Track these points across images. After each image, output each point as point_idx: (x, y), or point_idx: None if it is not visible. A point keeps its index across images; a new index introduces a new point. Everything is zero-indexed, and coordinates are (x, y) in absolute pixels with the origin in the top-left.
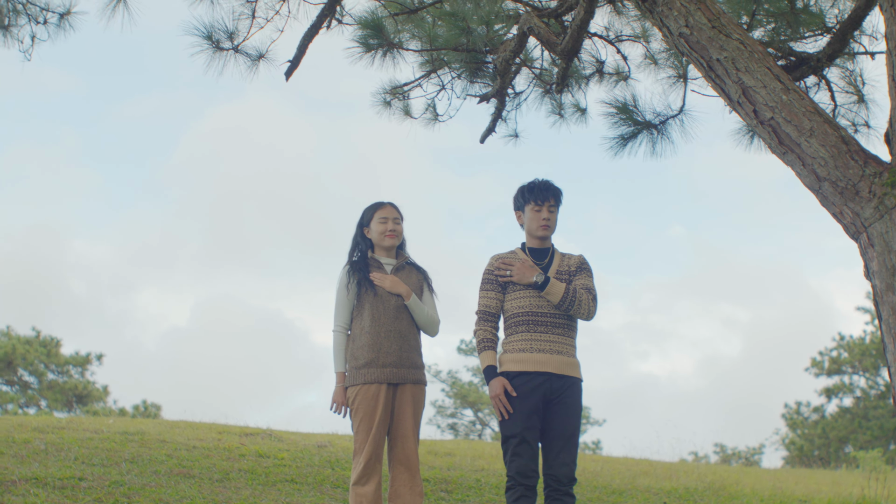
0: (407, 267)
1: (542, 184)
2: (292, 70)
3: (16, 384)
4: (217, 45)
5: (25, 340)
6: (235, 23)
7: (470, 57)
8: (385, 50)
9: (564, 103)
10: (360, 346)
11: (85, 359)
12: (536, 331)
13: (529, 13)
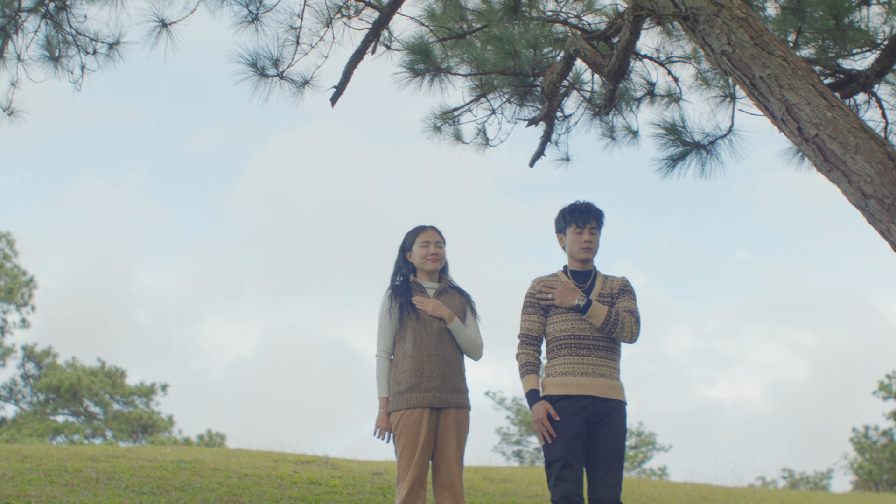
0: (450, 290)
1: (583, 206)
2: (337, 96)
3: (82, 415)
4: (262, 73)
5: (91, 371)
6: (280, 49)
7: (518, 80)
8: (433, 75)
9: (616, 126)
10: (403, 370)
11: (150, 389)
12: (579, 354)
13: (576, 35)
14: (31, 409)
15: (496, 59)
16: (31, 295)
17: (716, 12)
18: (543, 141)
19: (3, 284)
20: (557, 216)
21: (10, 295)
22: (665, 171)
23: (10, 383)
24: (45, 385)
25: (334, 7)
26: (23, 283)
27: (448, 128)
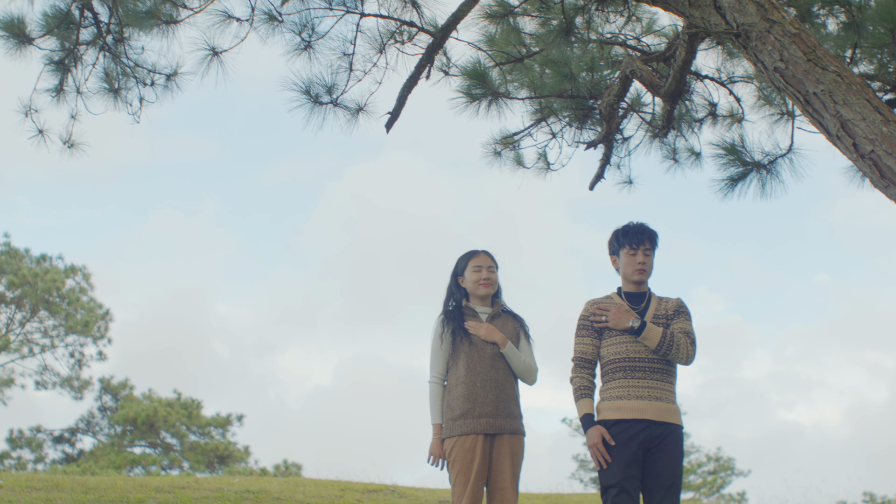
0: (503, 315)
1: (636, 227)
2: (392, 122)
3: (159, 446)
4: (316, 100)
5: (167, 403)
6: (333, 76)
7: (575, 103)
8: (490, 99)
9: (678, 147)
10: (456, 396)
11: (226, 420)
12: (634, 377)
13: (631, 56)
14: (109, 441)
15: (553, 82)
16: (107, 328)
17: (768, 28)
18: (602, 164)
19: (80, 318)
20: (611, 238)
21: (86, 328)
22: (725, 192)
23: (87, 416)
24: (121, 417)
25: (387, 33)
26: (99, 315)
27: (508, 152)
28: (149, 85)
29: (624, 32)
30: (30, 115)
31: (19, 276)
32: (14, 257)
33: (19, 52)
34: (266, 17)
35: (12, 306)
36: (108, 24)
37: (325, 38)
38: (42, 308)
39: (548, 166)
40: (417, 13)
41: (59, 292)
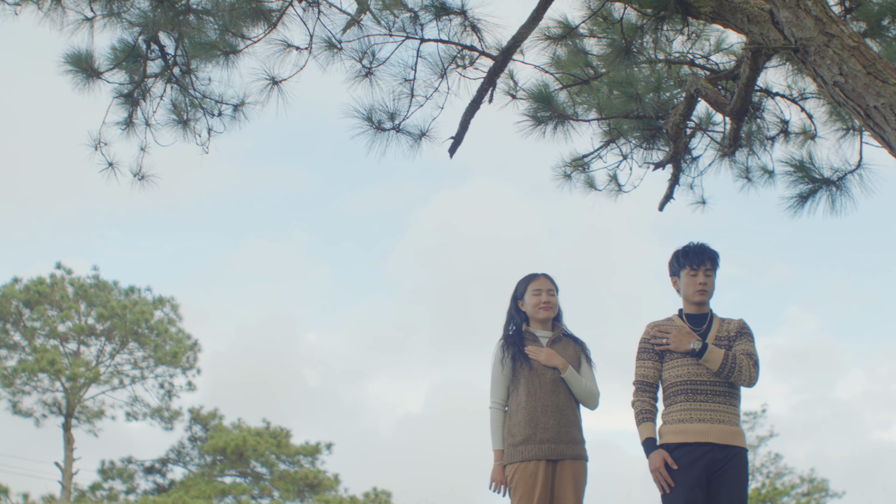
0: (564, 339)
1: (696, 247)
2: (456, 146)
3: (248, 475)
4: (378, 126)
5: (256, 432)
6: (395, 102)
7: (642, 124)
8: (556, 122)
9: (751, 166)
10: (517, 422)
11: (315, 448)
12: (696, 400)
13: (696, 75)
14: (199, 471)
15: (619, 103)
16: (195, 358)
17: (826, 42)
18: (671, 184)
19: (169, 349)
20: (671, 259)
21: (174, 359)
22: (795, 209)
23: (177, 446)
24: (211, 447)
25: (448, 58)
26: (187, 346)
27: (579, 175)
28: (216, 116)
29: (692, 51)
30: (99, 149)
31: (108, 309)
32: (103, 290)
33: (88, 86)
34: (325, 45)
35: (102, 338)
36: (174, 56)
37: (385, 65)
38: (131, 339)
39: (619, 188)
40: (477, 37)
41: (148, 324)
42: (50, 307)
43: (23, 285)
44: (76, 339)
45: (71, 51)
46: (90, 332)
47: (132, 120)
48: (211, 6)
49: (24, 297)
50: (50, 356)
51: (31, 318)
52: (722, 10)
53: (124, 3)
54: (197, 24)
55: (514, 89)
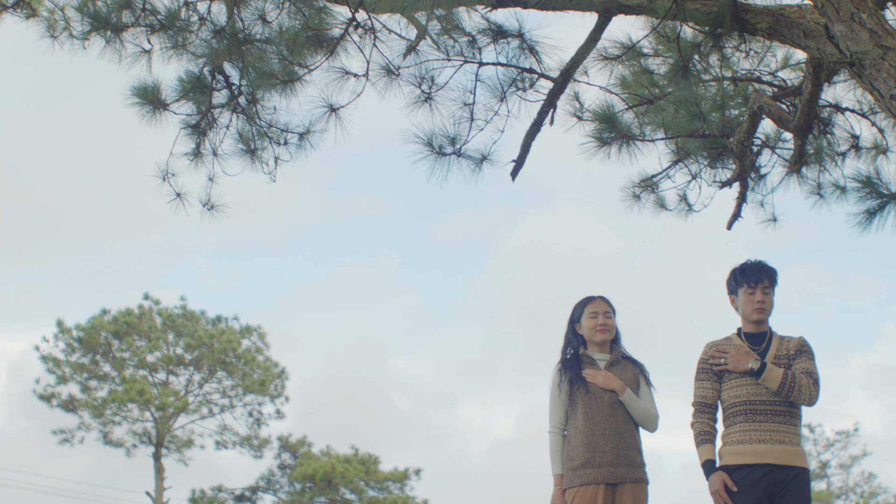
0: (622, 361)
1: (754, 265)
2: (517, 170)
3: (338, 502)
4: (439, 151)
5: (345, 459)
6: (455, 127)
7: (708, 143)
8: (620, 142)
9: (822, 182)
10: (576, 446)
11: (403, 474)
12: (755, 420)
13: (759, 92)
14: (289, 499)
15: (683, 122)
16: (283, 386)
17: (882, 55)
18: (738, 202)
19: (257, 377)
20: (728, 277)
21: (262, 387)
22: (863, 225)
23: (267, 474)
24: (300, 474)
25: (507, 80)
26: (275, 374)
27: (648, 195)
28: (282, 144)
29: (759, 68)
30: (167, 179)
31: (196, 338)
32: (191, 319)
33: (154, 118)
34: (383, 72)
35: (191, 368)
36: (239, 86)
37: (444, 89)
38: (219, 369)
39: (689, 207)
40: (536, 59)
41: (236, 352)
42: (138, 338)
43: (111, 316)
44: (165, 369)
45: (137, 83)
46: (179, 362)
47: (200, 150)
48: (273, 35)
49: (113, 329)
50: (139, 386)
51: (120, 349)
52: (778, 25)
53: (188, 35)
54: (259, 54)
55: (579, 111)
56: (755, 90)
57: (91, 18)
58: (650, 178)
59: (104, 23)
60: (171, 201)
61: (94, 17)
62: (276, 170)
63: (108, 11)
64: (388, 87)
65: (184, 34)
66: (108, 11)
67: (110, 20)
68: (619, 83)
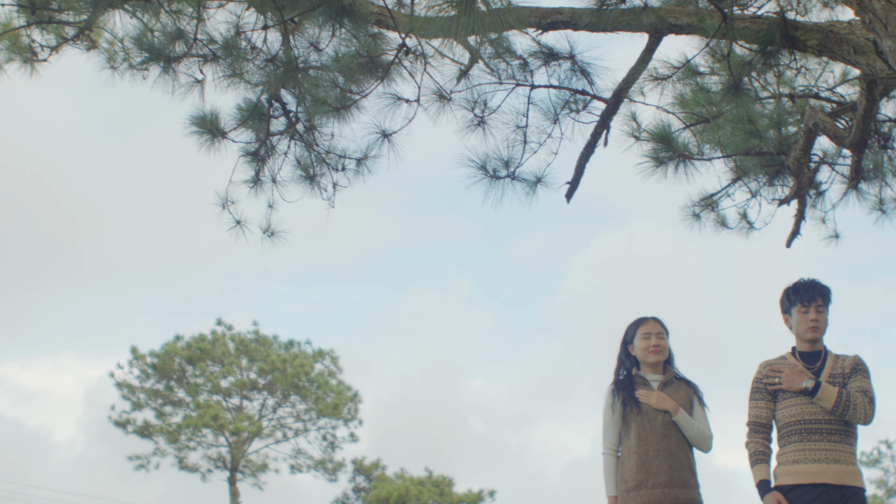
0: (675, 382)
1: (807, 283)
2: (572, 191)
3: None
4: (493, 175)
5: (418, 481)
6: (509, 150)
7: (765, 160)
8: (677, 162)
9: (884, 197)
10: (629, 467)
11: (477, 496)
12: (810, 440)
13: (814, 109)
14: None
15: (740, 140)
16: (356, 409)
17: None
18: (797, 220)
19: (330, 401)
20: (782, 296)
21: (336, 410)
22: None
23: (342, 497)
24: (374, 497)
25: (559, 103)
26: (348, 398)
27: (708, 214)
28: (340, 170)
29: (817, 84)
30: (227, 207)
31: (269, 363)
32: (263, 344)
33: (213, 147)
34: (435, 97)
35: (264, 392)
36: (296, 113)
37: (497, 112)
38: (293, 393)
39: (750, 225)
40: (587, 80)
41: (308, 376)
42: (212, 363)
43: (185, 342)
44: (239, 394)
45: (196, 112)
46: (252, 387)
47: (259, 177)
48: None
49: (187, 355)
50: (213, 411)
51: (194, 375)
52: (828, 42)
53: (244, 63)
54: (314, 81)
55: (637, 131)
56: (810, 107)
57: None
58: (710, 197)
59: (157, 54)
60: (231, 228)
61: (149, 48)
62: (334, 196)
63: (160, 43)
64: (441, 112)
65: (239, 63)
66: (160, 43)
67: (163, 51)
68: (678, 102)
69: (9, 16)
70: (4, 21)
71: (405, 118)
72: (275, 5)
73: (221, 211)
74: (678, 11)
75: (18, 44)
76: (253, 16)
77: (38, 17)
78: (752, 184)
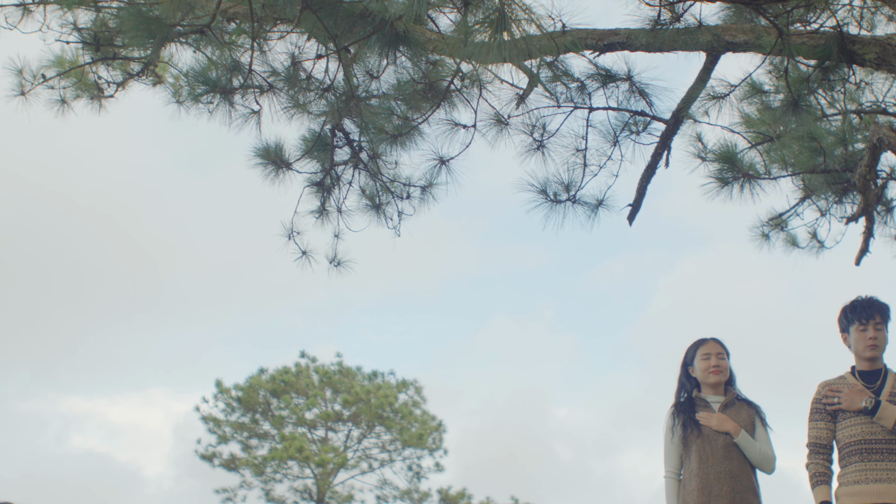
0: (737, 403)
1: (865, 301)
2: (634, 214)
3: None
4: (554, 199)
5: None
6: (569, 173)
7: (832, 178)
8: (742, 182)
9: None
10: (691, 490)
11: None
12: (871, 459)
13: (877, 125)
14: None
15: (805, 158)
16: (441, 439)
17: None
18: (865, 237)
19: (414, 431)
20: (840, 314)
21: (420, 440)
22: None
23: None
24: None
25: (619, 124)
26: (432, 427)
27: (776, 234)
28: (405, 198)
29: (885, 100)
30: (293, 238)
31: (353, 394)
32: (347, 375)
33: (278, 178)
34: (492, 122)
35: (349, 423)
36: (359, 142)
37: (555, 136)
38: (377, 423)
39: (821, 244)
40: (646, 101)
41: (392, 407)
42: (296, 395)
43: (269, 375)
44: (323, 426)
45: (260, 145)
46: (337, 418)
47: (325, 207)
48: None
49: (271, 387)
50: (298, 444)
51: (279, 407)
52: (886, 55)
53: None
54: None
55: (703, 151)
56: (875, 123)
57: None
58: (779, 217)
59: (213, 85)
60: (298, 259)
61: (205, 80)
62: (400, 224)
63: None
64: (499, 137)
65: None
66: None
67: (219, 83)
68: (744, 121)
69: (75, 53)
70: (71, 58)
71: (462, 144)
72: (328, 34)
73: (287, 242)
74: (735, 29)
75: (85, 80)
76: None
77: (103, 54)
78: (821, 202)
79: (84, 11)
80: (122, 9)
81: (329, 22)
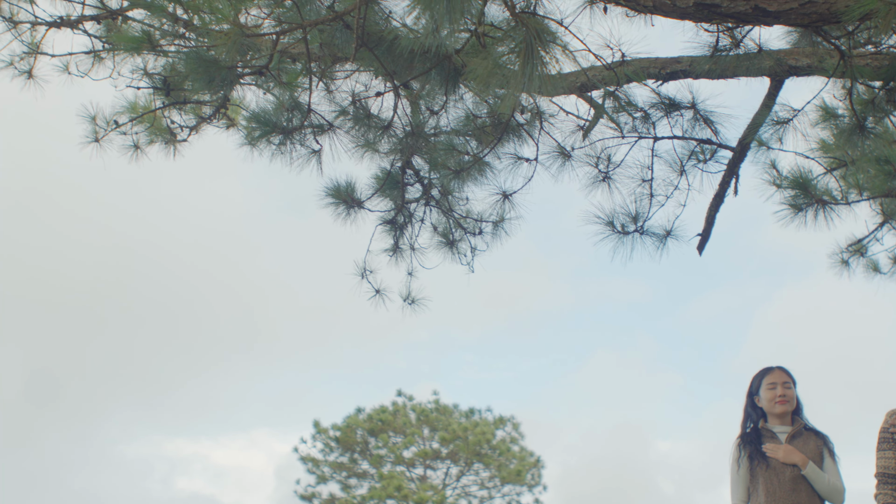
0: (804, 433)
1: None
2: (703, 243)
3: None
4: (622, 230)
5: None
6: (636, 204)
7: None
8: (816, 208)
9: None
10: None
11: None
12: None
13: None
14: None
15: (879, 181)
16: (539, 475)
17: None
18: None
19: (513, 467)
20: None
21: (518, 477)
22: None
23: None
24: None
25: (684, 153)
26: (530, 463)
27: (856, 259)
28: (478, 234)
29: None
30: (366, 276)
31: (450, 432)
32: (444, 413)
33: (349, 217)
34: (555, 154)
35: (447, 461)
36: (429, 179)
37: (620, 167)
38: (475, 461)
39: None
40: (711, 129)
41: (490, 444)
42: (394, 434)
43: (366, 414)
44: (422, 464)
45: (330, 184)
46: (435, 456)
47: (398, 245)
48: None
49: (369, 427)
50: (397, 482)
51: (377, 447)
52: None
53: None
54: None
55: (778, 178)
56: None
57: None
58: (858, 242)
59: (273, 126)
60: (371, 298)
61: (265, 121)
62: (473, 260)
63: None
64: (562, 170)
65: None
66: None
67: (279, 123)
68: (820, 146)
69: (147, 98)
70: (143, 104)
71: (525, 177)
72: (385, 71)
73: (360, 280)
74: (797, 53)
75: (158, 125)
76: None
77: (174, 98)
78: None
79: (153, 57)
80: (180, 52)
81: (386, 59)
